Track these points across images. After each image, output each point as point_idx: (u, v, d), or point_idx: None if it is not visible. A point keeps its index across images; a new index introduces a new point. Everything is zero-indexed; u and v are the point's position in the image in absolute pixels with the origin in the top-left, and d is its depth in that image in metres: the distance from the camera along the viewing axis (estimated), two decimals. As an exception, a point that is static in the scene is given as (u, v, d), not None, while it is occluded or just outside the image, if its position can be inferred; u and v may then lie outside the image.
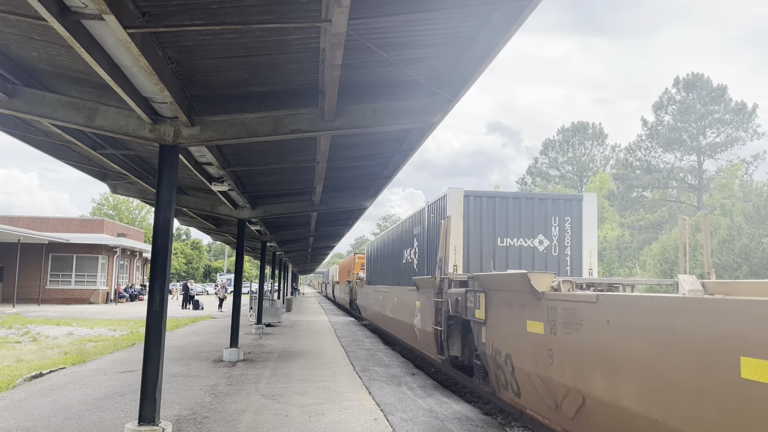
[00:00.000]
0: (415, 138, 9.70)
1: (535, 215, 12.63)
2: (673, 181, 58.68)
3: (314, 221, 19.77)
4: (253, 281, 49.76)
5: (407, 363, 13.64)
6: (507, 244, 12.52)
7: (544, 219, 12.61)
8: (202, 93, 6.90)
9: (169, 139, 6.91)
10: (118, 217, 75.03)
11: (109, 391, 9.51)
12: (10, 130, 8.77)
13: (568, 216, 12.72)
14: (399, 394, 9.58)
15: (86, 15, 4.46)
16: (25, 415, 7.83)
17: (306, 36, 5.63)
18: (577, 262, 12.67)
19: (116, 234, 44.86)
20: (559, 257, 12.63)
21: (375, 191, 14.58)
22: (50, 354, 13.96)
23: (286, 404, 8.67)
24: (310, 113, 7.20)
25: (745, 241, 32.77)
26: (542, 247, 12.60)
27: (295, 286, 70.67)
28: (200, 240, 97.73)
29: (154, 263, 6.74)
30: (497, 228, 12.44)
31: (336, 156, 10.38)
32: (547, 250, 12.61)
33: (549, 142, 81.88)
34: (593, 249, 12.77)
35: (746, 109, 56.15)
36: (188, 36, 5.43)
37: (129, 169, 11.20)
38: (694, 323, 4.41)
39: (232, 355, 13.17)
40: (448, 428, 7.46)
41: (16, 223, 40.29)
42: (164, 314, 6.69)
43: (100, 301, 38.97)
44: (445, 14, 5.57)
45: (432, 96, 7.14)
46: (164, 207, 6.77)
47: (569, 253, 12.65)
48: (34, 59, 6.28)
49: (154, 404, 6.46)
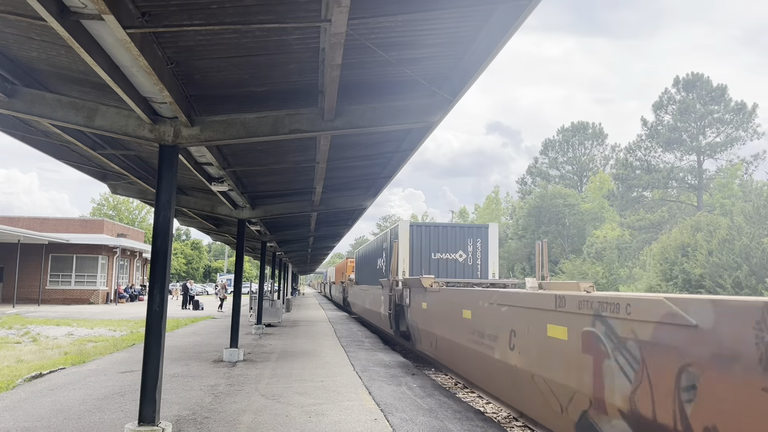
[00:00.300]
0: (415, 138, 9.70)
1: (456, 238, 18.98)
2: (673, 181, 58.72)
3: (314, 221, 19.78)
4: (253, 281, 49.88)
5: (407, 363, 13.65)
6: (438, 258, 18.84)
7: (463, 240, 18.97)
8: (201, 93, 6.90)
9: (168, 139, 6.91)
10: (118, 218, 75.05)
11: (109, 391, 9.50)
12: (10, 130, 8.77)
13: (479, 238, 19.06)
14: (399, 394, 9.57)
15: (86, 15, 4.45)
16: (25, 415, 7.83)
17: (306, 36, 5.63)
18: (485, 269, 18.89)
19: (116, 234, 44.86)
20: (473, 266, 18.92)
21: (375, 191, 14.59)
22: (50, 354, 13.96)
23: (286, 404, 8.67)
24: (310, 113, 7.19)
25: (745, 241, 32.77)
26: (461, 259, 18.92)
27: (295, 286, 70.66)
28: (200, 240, 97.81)
29: (154, 263, 6.74)
30: (432, 246, 18.82)
31: (336, 156, 10.38)
32: (465, 261, 18.93)
33: (549, 142, 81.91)
34: (495, 260, 19.05)
35: (746, 109, 56.18)
36: (188, 36, 5.43)
37: (129, 170, 11.20)
38: (475, 299, 9.67)
39: (232, 356, 13.17)
40: (448, 428, 7.46)
41: (16, 223, 40.30)
42: (164, 314, 6.69)
43: (100, 301, 38.97)
44: (444, 14, 5.57)
45: (432, 96, 7.14)
46: (164, 207, 6.77)
47: (479, 263, 18.93)
48: (34, 59, 6.27)
49: (154, 404, 6.46)
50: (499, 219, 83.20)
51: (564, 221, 60.67)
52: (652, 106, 60.27)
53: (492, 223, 19.86)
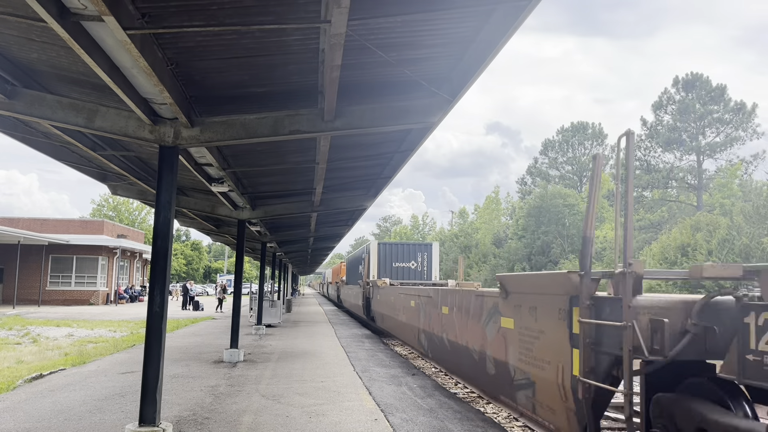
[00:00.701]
0: (414, 138, 9.71)
1: (410, 252, 27.69)
2: (672, 180, 58.74)
3: (314, 222, 19.78)
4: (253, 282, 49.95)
5: (407, 363, 13.66)
6: (398, 266, 27.24)
7: (415, 254, 27.61)
8: (201, 94, 6.90)
9: (168, 140, 6.91)
10: (118, 219, 75.03)
11: (110, 392, 9.51)
12: (10, 131, 8.77)
13: (426, 252, 27.61)
14: (399, 395, 9.58)
15: (86, 16, 4.46)
16: (25, 416, 7.83)
17: (305, 37, 5.63)
18: (429, 274, 27.09)
19: (116, 235, 44.84)
20: (422, 272, 27.21)
21: (375, 192, 14.59)
22: (50, 355, 13.97)
23: (286, 405, 8.67)
24: (310, 114, 7.20)
25: (745, 241, 32.80)
26: (413, 267, 27.23)
27: (295, 286, 70.62)
28: (200, 241, 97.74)
29: (154, 264, 6.74)
30: (394, 258, 27.40)
31: (336, 156, 10.39)
32: (416, 268, 27.22)
33: (548, 142, 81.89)
34: (437, 267, 27.64)
35: (745, 109, 56.19)
36: (188, 37, 5.43)
37: (129, 171, 11.20)
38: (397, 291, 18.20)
39: (232, 356, 13.18)
40: (449, 428, 7.46)
41: (16, 224, 40.27)
42: (164, 315, 6.69)
43: (100, 302, 38.96)
44: (444, 15, 5.57)
45: (431, 96, 7.14)
46: (164, 208, 6.77)
47: (426, 270, 27.22)
48: (34, 61, 6.28)
49: (154, 405, 6.46)
50: (499, 219, 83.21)
51: (564, 221, 60.62)
52: (652, 106, 60.32)
53: (434, 242, 29.31)
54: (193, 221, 19.42)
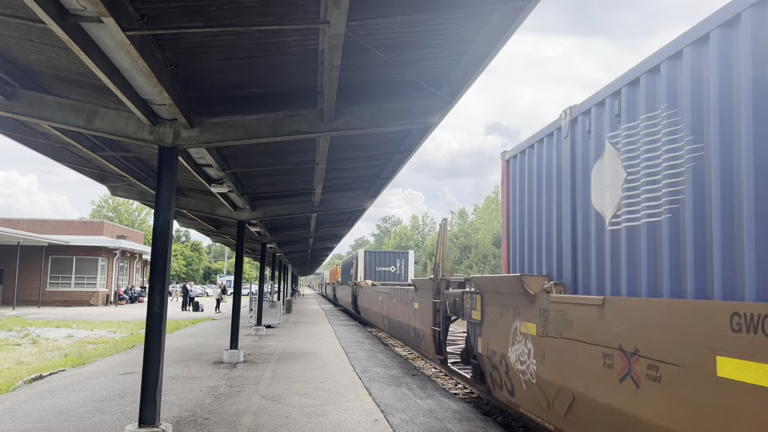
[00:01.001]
0: (414, 139, 9.71)
1: (391, 258, 33.65)
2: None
3: (314, 222, 19.78)
4: (253, 283, 49.98)
5: (407, 364, 13.67)
6: (380, 270, 32.70)
7: (394, 260, 33.46)
8: (201, 95, 6.91)
9: (168, 141, 6.91)
10: (117, 219, 75.03)
11: (110, 393, 9.51)
12: (9, 132, 8.77)
13: (403, 258, 33.67)
14: (399, 395, 9.58)
15: (85, 17, 4.46)
16: (25, 417, 7.83)
17: (305, 37, 5.64)
18: (406, 276, 32.15)
19: (116, 236, 44.86)
20: (400, 275, 32.57)
21: (374, 192, 14.59)
22: (50, 356, 13.97)
23: (286, 405, 8.67)
24: (309, 114, 7.20)
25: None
26: (393, 270, 32.86)
27: (294, 287, 70.59)
28: (200, 242, 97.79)
29: (153, 265, 6.74)
30: (378, 263, 32.97)
31: (335, 157, 10.39)
32: (395, 272, 32.82)
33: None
34: (412, 270, 33.35)
35: (745, 109, 56.23)
36: (187, 38, 5.43)
37: (128, 171, 11.20)
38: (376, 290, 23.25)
39: (232, 357, 13.17)
40: (449, 428, 7.46)
41: (15, 225, 40.29)
42: (164, 316, 6.70)
43: (100, 303, 38.96)
44: (443, 15, 5.58)
45: (431, 97, 7.15)
46: (164, 209, 6.77)
47: (403, 273, 32.71)
48: (33, 62, 6.28)
49: (154, 406, 6.47)
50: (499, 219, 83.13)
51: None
52: (652, 106, 60.35)
53: (410, 250, 37.13)
54: (192, 222, 19.41)
